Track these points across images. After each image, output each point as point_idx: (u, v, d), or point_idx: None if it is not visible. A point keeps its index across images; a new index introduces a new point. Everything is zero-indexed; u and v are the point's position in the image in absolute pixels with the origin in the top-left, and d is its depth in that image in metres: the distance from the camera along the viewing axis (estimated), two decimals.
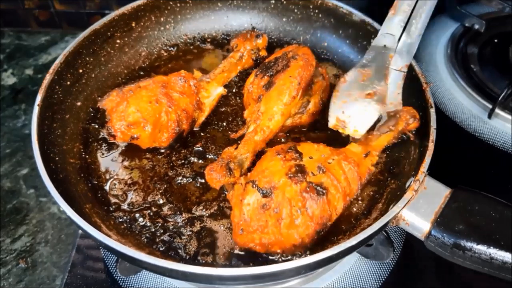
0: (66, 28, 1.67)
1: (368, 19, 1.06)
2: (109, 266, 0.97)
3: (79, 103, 0.99)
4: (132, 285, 0.94)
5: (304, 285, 0.94)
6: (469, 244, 0.71)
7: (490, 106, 1.16)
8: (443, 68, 1.31)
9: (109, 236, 0.72)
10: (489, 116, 1.16)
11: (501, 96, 1.13)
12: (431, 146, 0.81)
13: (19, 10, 1.62)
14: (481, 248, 0.70)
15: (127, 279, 0.95)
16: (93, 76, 1.03)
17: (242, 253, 0.80)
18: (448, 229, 0.73)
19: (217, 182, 0.82)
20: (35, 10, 1.62)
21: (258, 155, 0.87)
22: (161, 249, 0.80)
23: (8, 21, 1.66)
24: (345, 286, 0.94)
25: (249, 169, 0.85)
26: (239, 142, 0.89)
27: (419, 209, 0.76)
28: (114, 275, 0.95)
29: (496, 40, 1.36)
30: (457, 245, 0.72)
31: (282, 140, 0.96)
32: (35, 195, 1.21)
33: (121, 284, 0.94)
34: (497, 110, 1.15)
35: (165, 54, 1.16)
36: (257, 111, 0.91)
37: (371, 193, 0.88)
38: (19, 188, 1.22)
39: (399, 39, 0.97)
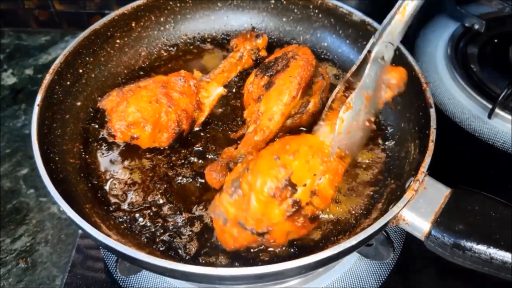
0: (66, 28, 1.67)
1: (368, 19, 1.06)
2: (109, 266, 0.97)
3: (79, 103, 0.99)
4: (132, 285, 0.94)
5: (304, 285, 0.94)
6: (469, 244, 0.71)
7: (490, 106, 1.16)
8: (443, 68, 1.31)
9: (109, 236, 0.72)
10: (489, 116, 1.16)
11: (501, 96, 1.13)
12: (431, 146, 0.81)
13: (19, 10, 1.62)
14: (481, 248, 0.70)
15: (127, 279, 0.95)
16: (93, 76, 1.03)
17: (242, 253, 0.80)
18: (448, 229, 0.73)
19: (217, 182, 0.82)
20: (35, 10, 1.62)
21: None
22: (161, 249, 0.80)
23: (8, 21, 1.66)
24: (345, 286, 0.93)
25: None
26: (239, 142, 0.89)
27: (419, 209, 0.75)
28: (114, 275, 0.95)
29: (496, 40, 1.36)
30: (457, 245, 0.72)
31: None
32: (35, 195, 1.21)
33: (121, 284, 0.94)
34: (497, 110, 1.15)
35: (165, 54, 1.16)
36: (257, 111, 0.91)
37: (371, 193, 0.88)
38: (19, 188, 1.22)
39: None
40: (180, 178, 0.90)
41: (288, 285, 0.93)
